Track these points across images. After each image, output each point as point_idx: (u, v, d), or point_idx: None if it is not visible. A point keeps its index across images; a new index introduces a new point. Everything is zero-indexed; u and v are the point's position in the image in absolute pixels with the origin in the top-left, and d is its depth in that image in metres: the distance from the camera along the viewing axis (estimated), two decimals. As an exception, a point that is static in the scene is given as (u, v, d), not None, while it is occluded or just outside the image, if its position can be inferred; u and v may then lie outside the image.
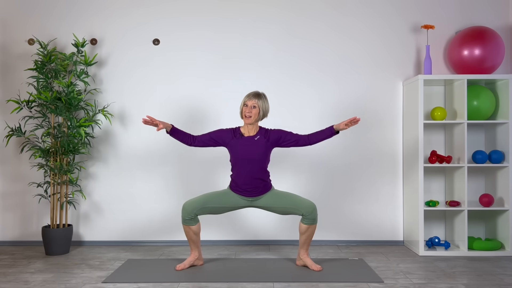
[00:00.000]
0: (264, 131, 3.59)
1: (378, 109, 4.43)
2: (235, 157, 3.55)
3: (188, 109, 4.43)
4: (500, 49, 4.12)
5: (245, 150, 3.52)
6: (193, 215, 3.51)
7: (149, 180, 4.43)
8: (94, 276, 3.45)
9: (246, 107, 3.53)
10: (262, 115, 3.57)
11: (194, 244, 3.60)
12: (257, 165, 3.53)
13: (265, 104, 3.57)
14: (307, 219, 3.51)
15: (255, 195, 3.57)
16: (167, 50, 4.44)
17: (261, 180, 3.55)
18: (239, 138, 3.56)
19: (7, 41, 4.44)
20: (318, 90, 4.43)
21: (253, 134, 3.58)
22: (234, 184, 3.59)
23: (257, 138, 3.55)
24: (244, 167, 3.53)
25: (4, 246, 4.41)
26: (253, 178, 3.53)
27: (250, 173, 3.52)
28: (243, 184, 3.54)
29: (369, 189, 4.43)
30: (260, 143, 3.53)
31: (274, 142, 3.57)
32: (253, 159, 3.51)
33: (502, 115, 4.15)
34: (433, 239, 4.14)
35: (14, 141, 4.43)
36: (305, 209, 3.50)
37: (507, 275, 3.44)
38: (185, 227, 3.55)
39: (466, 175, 4.01)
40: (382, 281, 3.27)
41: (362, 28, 4.44)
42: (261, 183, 3.56)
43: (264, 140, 3.55)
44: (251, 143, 3.53)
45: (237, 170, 3.56)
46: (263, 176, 3.55)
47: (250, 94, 3.56)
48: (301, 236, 3.58)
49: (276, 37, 4.43)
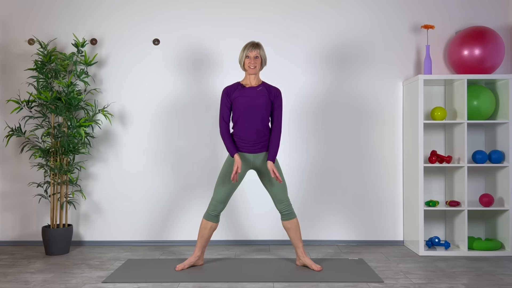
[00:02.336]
0: (268, 86, 3.58)
1: (378, 109, 4.43)
2: (237, 108, 3.52)
3: (188, 109, 4.43)
4: (500, 49, 4.12)
5: (248, 100, 3.50)
6: (221, 210, 3.56)
7: (149, 180, 4.43)
8: (94, 276, 3.45)
9: (249, 59, 3.51)
10: (264, 64, 3.59)
11: (203, 242, 3.60)
12: (259, 114, 3.50)
13: (265, 53, 3.60)
14: (284, 216, 3.59)
15: (257, 150, 3.54)
16: (167, 50, 4.44)
17: (263, 132, 3.53)
18: (241, 89, 3.55)
19: (7, 41, 4.44)
20: (318, 90, 4.43)
21: (255, 85, 3.57)
22: (237, 139, 3.55)
23: (259, 89, 3.55)
24: (247, 117, 3.50)
25: (4, 246, 4.41)
26: (255, 129, 3.51)
27: (253, 123, 3.50)
28: (245, 136, 3.52)
29: (369, 189, 4.43)
30: (262, 94, 3.53)
31: (271, 99, 3.57)
32: (255, 108, 3.50)
33: (502, 115, 4.15)
34: (433, 239, 4.14)
35: (14, 141, 4.43)
36: (281, 206, 3.57)
37: (507, 275, 3.44)
38: (205, 223, 3.56)
39: (466, 175, 4.01)
40: (382, 281, 3.27)
41: (362, 28, 4.44)
42: (262, 136, 3.53)
43: (266, 92, 3.54)
44: (254, 93, 3.52)
45: (240, 121, 3.52)
46: (264, 129, 3.53)
47: (249, 45, 3.53)
48: (288, 234, 3.62)
49: (275, 37, 4.43)
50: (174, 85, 4.44)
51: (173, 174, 4.43)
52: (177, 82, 4.44)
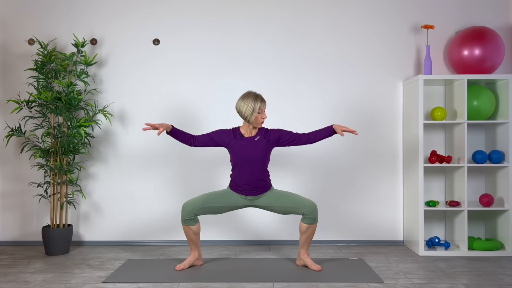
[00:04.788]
0: (264, 131, 3.59)
1: (378, 109, 4.43)
2: (235, 158, 3.55)
3: (188, 109, 4.43)
4: (500, 49, 4.12)
5: (246, 151, 3.52)
6: (193, 215, 3.51)
7: (149, 180, 4.43)
8: (94, 276, 3.45)
9: (261, 114, 3.50)
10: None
11: (194, 244, 3.60)
12: (258, 165, 3.53)
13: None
14: (307, 219, 3.52)
15: (255, 194, 3.58)
16: (167, 50, 4.44)
17: (261, 180, 3.55)
18: (239, 139, 3.56)
19: (7, 41, 4.44)
20: (319, 90, 4.43)
21: (253, 134, 3.58)
22: (234, 183, 3.59)
23: (257, 138, 3.55)
24: (244, 168, 3.53)
25: (4, 246, 4.41)
26: (253, 179, 3.53)
27: (251, 173, 3.52)
28: (243, 184, 3.55)
29: (369, 189, 4.43)
30: (260, 144, 3.53)
31: (274, 142, 3.57)
32: (254, 160, 3.51)
33: (502, 115, 4.15)
34: (433, 239, 4.14)
35: (14, 141, 4.43)
36: (306, 208, 3.50)
37: (507, 275, 3.44)
38: (184, 227, 3.55)
39: (466, 175, 4.01)
40: (382, 281, 3.27)
41: (362, 28, 4.44)
42: (261, 183, 3.56)
43: (264, 140, 3.54)
44: (252, 144, 3.53)
45: (238, 170, 3.56)
46: (263, 176, 3.56)
47: (260, 99, 3.49)
48: (301, 236, 3.59)
49: (275, 37, 4.43)
50: (174, 85, 4.44)
51: (173, 174, 4.43)
52: (177, 82, 4.44)
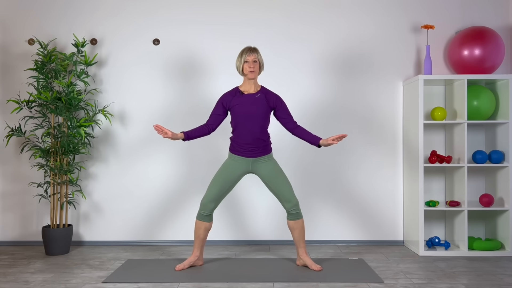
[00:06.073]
0: (266, 91, 3.57)
1: (378, 109, 4.43)
2: (236, 116, 3.51)
3: (188, 109, 4.43)
4: (500, 49, 4.12)
5: (246, 108, 3.49)
6: (212, 209, 3.55)
7: (149, 180, 4.43)
8: (94, 276, 3.45)
9: (248, 63, 3.49)
10: (262, 68, 3.58)
11: (200, 242, 3.60)
12: (258, 123, 3.50)
13: (262, 57, 3.58)
14: (290, 215, 3.57)
15: (256, 155, 3.55)
16: (167, 50, 4.44)
17: (262, 140, 3.53)
18: (239, 96, 3.53)
19: (7, 41, 4.44)
20: (319, 90, 4.43)
21: (254, 91, 3.55)
22: (236, 144, 3.55)
23: (258, 95, 3.53)
24: (245, 125, 3.50)
25: (4, 246, 4.41)
26: (254, 138, 3.51)
27: (251, 131, 3.50)
28: (244, 143, 3.52)
29: (369, 189, 4.43)
30: (261, 101, 3.51)
31: (271, 107, 3.56)
32: (254, 116, 3.49)
33: (502, 115, 4.15)
34: (433, 239, 4.14)
35: (14, 141, 4.43)
36: (288, 205, 3.55)
37: (507, 275, 3.44)
38: (198, 223, 3.56)
39: (466, 175, 4.01)
40: (382, 281, 3.27)
41: (362, 28, 4.44)
42: (261, 143, 3.54)
43: (265, 99, 3.53)
44: (252, 100, 3.51)
45: (239, 129, 3.52)
46: (263, 136, 3.53)
47: (246, 50, 3.51)
48: (293, 234, 3.61)
49: (274, 39, 4.43)
50: (174, 85, 4.44)
51: (173, 174, 4.43)
52: (177, 82, 4.44)
